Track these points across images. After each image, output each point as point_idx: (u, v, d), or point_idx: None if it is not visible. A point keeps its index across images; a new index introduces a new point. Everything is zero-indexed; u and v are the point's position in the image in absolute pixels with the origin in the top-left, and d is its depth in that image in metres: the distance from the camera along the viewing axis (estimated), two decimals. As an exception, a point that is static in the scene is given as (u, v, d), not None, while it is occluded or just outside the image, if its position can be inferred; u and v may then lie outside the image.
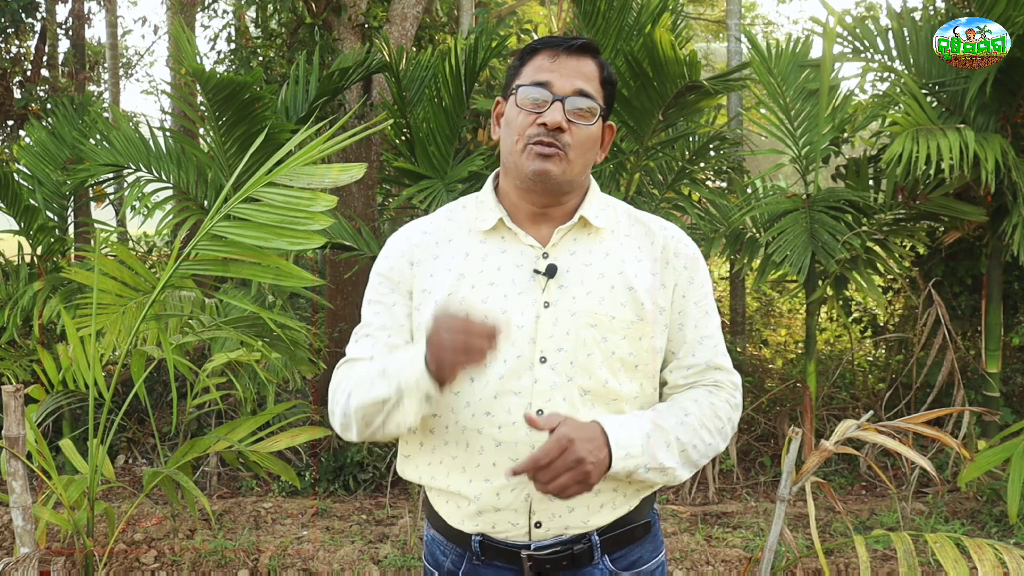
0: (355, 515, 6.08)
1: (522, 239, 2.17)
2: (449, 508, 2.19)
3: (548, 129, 2.06)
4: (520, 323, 2.09)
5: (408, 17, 7.63)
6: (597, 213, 2.20)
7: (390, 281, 2.23)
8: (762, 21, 20.19)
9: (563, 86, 2.09)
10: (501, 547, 2.14)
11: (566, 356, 2.08)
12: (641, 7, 6.28)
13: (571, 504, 2.09)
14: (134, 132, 6.54)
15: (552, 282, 2.12)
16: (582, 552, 2.13)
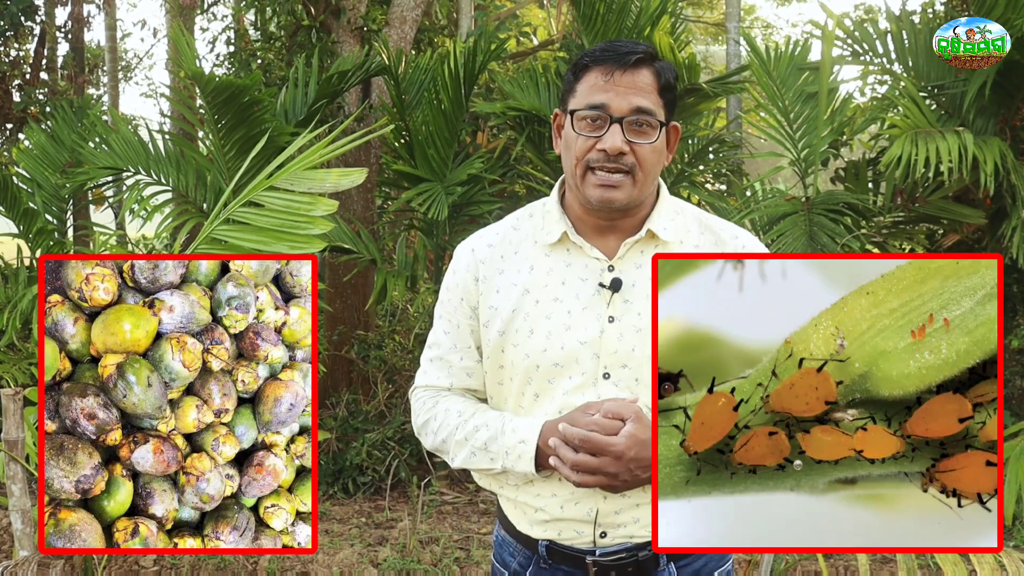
0: (354, 518, 6.08)
1: (587, 252, 2.13)
2: (517, 513, 2.19)
3: (609, 155, 2.02)
4: (584, 339, 2.06)
5: (407, 20, 7.63)
6: (666, 225, 2.14)
7: (456, 297, 2.23)
8: (761, 24, 20.20)
9: (620, 106, 2.03)
10: (567, 552, 2.13)
11: (630, 373, 2.05)
12: (640, 10, 6.28)
13: (636, 515, 2.07)
14: (133, 135, 6.53)
15: (617, 296, 2.08)
16: (647, 559, 2.10)
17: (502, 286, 2.17)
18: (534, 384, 2.11)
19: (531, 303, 2.12)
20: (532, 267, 2.16)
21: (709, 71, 12.48)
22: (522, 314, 2.12)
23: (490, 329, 2.16)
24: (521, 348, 2.11)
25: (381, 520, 6.04)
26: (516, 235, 2.24)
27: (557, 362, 2.08)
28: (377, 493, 6.57)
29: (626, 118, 2.03)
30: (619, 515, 2.08)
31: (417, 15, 7.76)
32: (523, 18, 10.85)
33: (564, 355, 2.07)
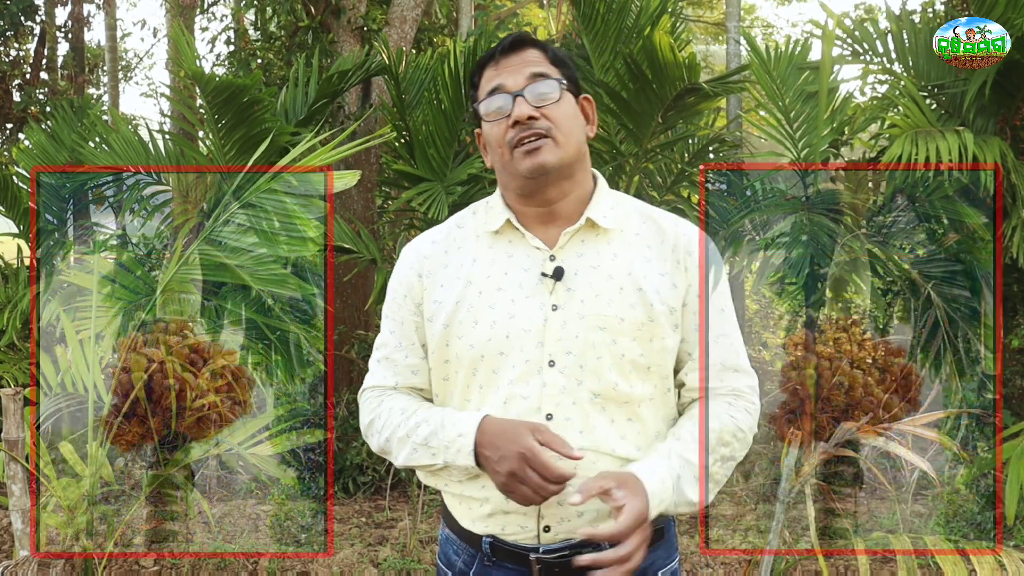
0: (354, 518, 6.07)
1: (529, 241, 2.16)
2: (462, 509, 2.20)
3: (522, 125, 2.07)
4: (528, 327, 2.09)
5: (407, 20, 7.62)
6: (605, 213, 2.18)
7: (400, 295, 2.26)
8: (761, 24, 20.20)
9: (516, 81, 2.11)
10: (511, 549, 2.13)
11: (575, 360, 2.07)
12: (640, 9, 6.28)
13: (580, 509, 2.08)
14: (133, 135, 6.52)
15: (560, 285, 2.11)
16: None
17: (446, 280, 2.20)
18: (479, 375, 2.12)
19: (474, 294, 2.15)
20: (475, 259, 2.20)
21: (709, 71, 12.48)
22: (466, 305, 2.14)
23: (435, 323, 2.18)
24: (466, 339, 2.13)
25: (381, 520, 6.04)
26: (460, 232, 2.28)
27: (502, 351, 2.10)
28: (377, 493, 6.57)
29: (524, 88, 2.10)
30: (563, 507, 2.08)
31: (417, 15, 7.76)
32: (523, 18, 10.85)
33: (509, 343, 2.09)
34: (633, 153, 6.24)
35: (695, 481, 2.06)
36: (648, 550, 2.18)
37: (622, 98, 5.93)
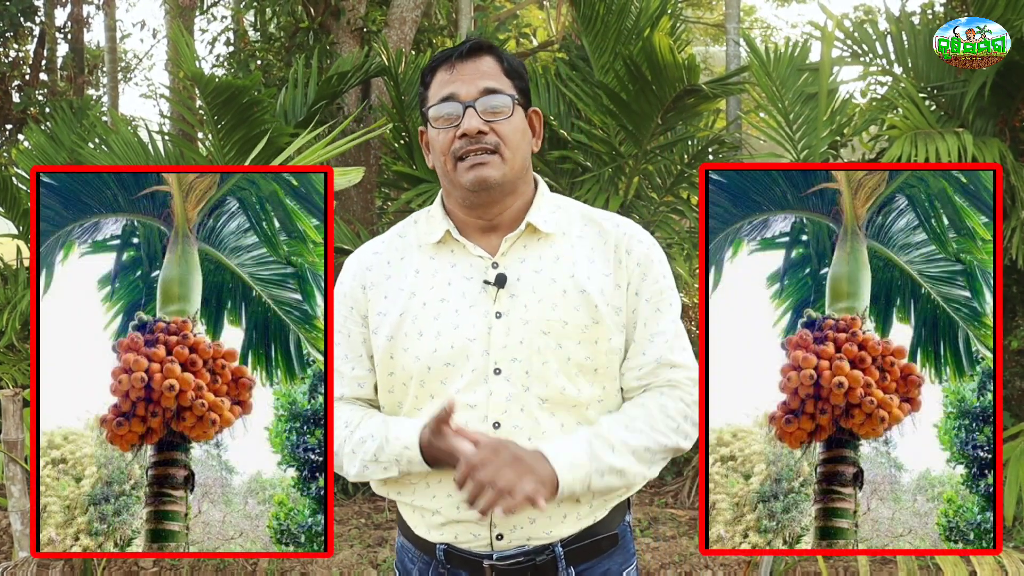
0: (354, 519, 6.08)
1: (471, 251, 2.14)
2: (415, 517, 2.19)
3: (470, 138, 2.04)
4: (472, 336, 2.07)
5: (407, 21, 7.62)
6: (546, 217, 2.16)
7: (345, 308, 2.23)
8: (761, 25, 20.20)
9: (469, 91, 2.07)
10: (464, 556, 2.12)
11: (521, 366, 2.05)
12: (640, 11, 6.28)
13: (533, 515, 2.07)
14: (133, 136, 6.53)
15: (503, 292, 2.09)
16: (545, 563, 2.10)
17: (389, 292, 2.18)
18: (427, 386, 2.10)
19: (418, 305, 2.13)
20: (418, 270, 2.17)
21: (709, 72, 12.48)
22: (410, 317, 2.12)
23: (379, 335, 2.16)
24: (411, 351, 2.11)
25: (380, 521, 6.04)
26: (402, 242, 2.25)
27: (448, 361, 2.08)
28: (376, 494, 6.56)
29: (477, 100, 2.07)
30: (513, 514, 2.03)
31: (417, 16, 7.76)
32: (523, 19, 10.86)
33: (454, 353, 2.07)
34: (632, 154, 6.24)
35: (612, 450, 2.02)
36: (603, 557, 2.17)
37: (622, 99, 5.93)
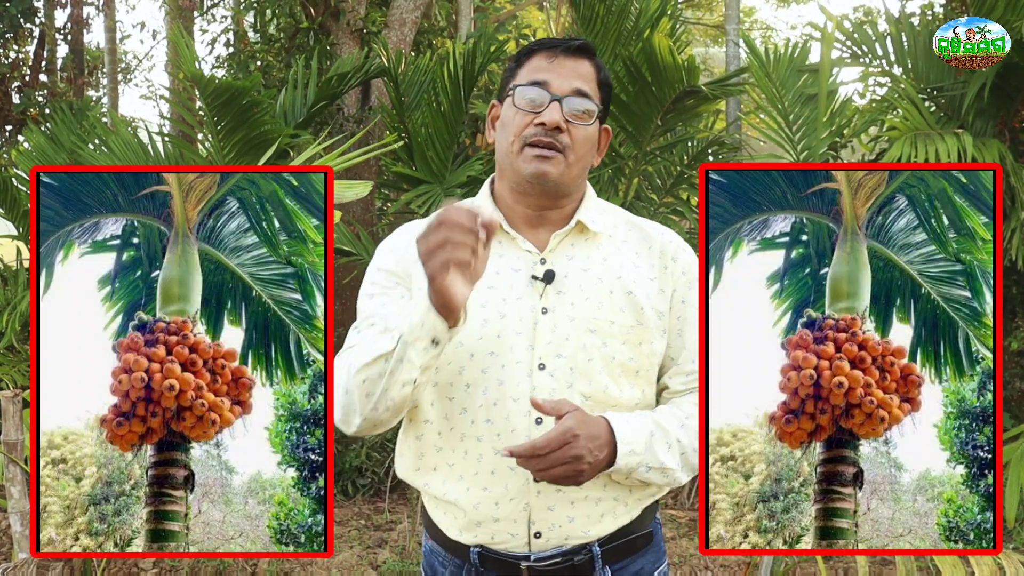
0: (353, 520, 6.08)
1: (520, 244, 2.13)
2: (447, 519, 2.15)
3: (546, 129, 2.04)
4: (518, 329, 2.06)
5: (406, 22, 7.63)
6: (595, 217, 2.17)
7: (394, 275, 2.17)
8: (760, 26, 20.21)
9: (561, 86, 2.07)
10: (500, 558, 2.09)
11: (565, 362, 2.05)
12: (640, 12, 6.28)
13: (571, 514, 2.06)
14: (133, 137, 6.53)
15: (550, 288, 2.08)
16: (583, 563, 2.09)
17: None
18: (466, 373, 2.07)
19: None
20: None
21: (708, 73, 12.49)
22: None
23: None
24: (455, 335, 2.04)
25: (380, 522, 6.04)
26: None
27: (492, 350, 2.06)
28: (376, 495, 6.57)
29: (566, 98, 2.07)
30: (553, 511, 2.05)
31: (416, 17, 7.76)
32: (522, 20, 10.86)
33: (499, 343, 2.06)
34: (632, 155, 6.25)
35: (668, 448, 2.03)
36: (638, 556, 2.18)
37: (621, 100, 5.94)
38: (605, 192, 6.18)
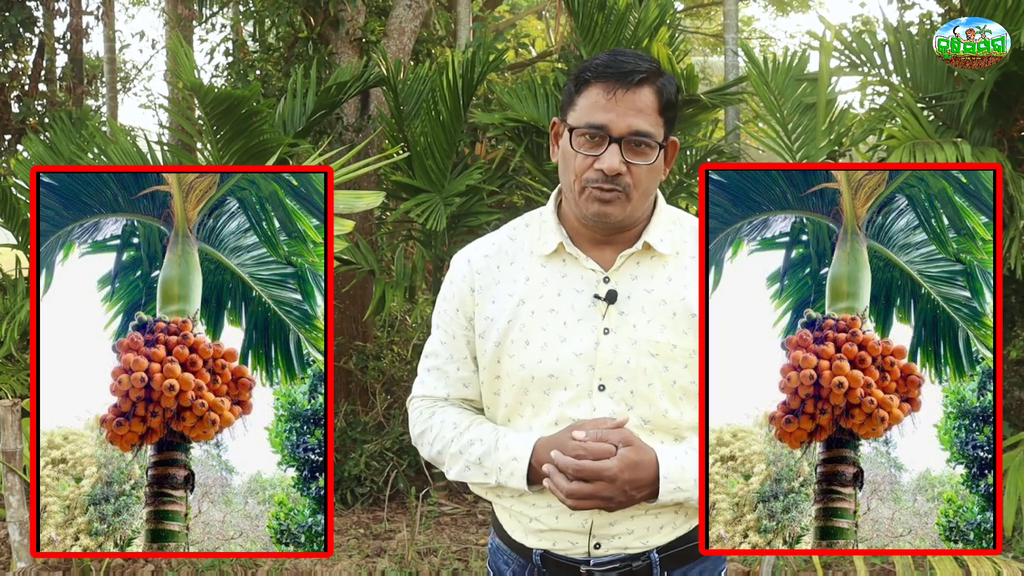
0: (352, 529, 6.07)
1: (583, 263, 2.12)
2: (512, 522, 2.19)
3: (606, 175, 2.01)
4: (579, 350, 2.06)
5: (406, 31, 7.64)
6: (662, 236, 2.14)
7: (451, 308, 2.23)
8: (759, 35, 20.24)
9: (619, 126, 2.01)
10: (562, 562, 2.13)
11: (626, 385, 2.05)
12: (638, 21, 6.29)
13: (631, 527, 2.08)
14: (132, 146, 6.53)
15: (612, 308, 2.08)
16: (641, 569, 2.11)
17: (498, 296, 2.16)
18: (530, 395, 2.10)
19: (527, 314, 2.11)
20: (528, 278, 2.15)
21: (707, 82, 12.51)
22: (518, 325, 2.11)
23: (486, 340, 2.15)
24: (516, 359, 2.10)
25: (379, 531, 6.02)
26: (512, 245, 2.23)
27: (552, 373, 2.07)
28: (375, 504, 6.56)
29: (625, 139, 2.01)
30: (614, 526, 2.08)
31: (415, 26, 7.78)
32: (521, 29, 10.89)
33: (559, 367, 2.07)
34: (631, 163, 6.23)
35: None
36: (697, 563, 2.18)
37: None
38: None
